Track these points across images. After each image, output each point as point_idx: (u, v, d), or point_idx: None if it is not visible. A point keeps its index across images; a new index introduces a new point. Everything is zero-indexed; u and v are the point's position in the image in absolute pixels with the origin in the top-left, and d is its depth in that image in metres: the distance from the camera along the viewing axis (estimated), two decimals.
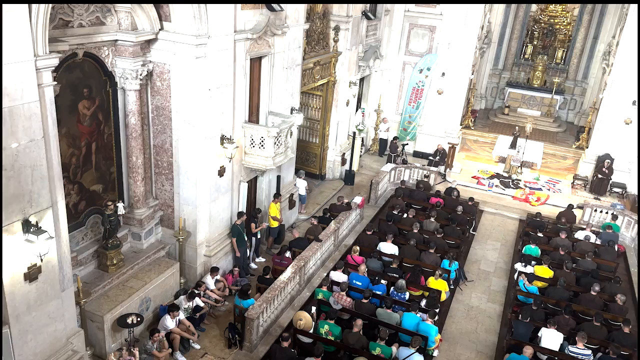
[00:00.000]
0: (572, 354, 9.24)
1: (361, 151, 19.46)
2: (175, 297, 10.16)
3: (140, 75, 9.35)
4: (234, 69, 10.37)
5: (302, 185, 14.64)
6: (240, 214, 11.50)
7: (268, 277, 10.71)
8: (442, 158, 18.66)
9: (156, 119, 10.18)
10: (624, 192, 17.71)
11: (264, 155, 11.23)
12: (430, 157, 18.92)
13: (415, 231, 12.89)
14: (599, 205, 15.89)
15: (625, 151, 17.63)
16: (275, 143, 11.18)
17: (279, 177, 12.94)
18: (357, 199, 14.75)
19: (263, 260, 12.64)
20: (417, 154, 20.25)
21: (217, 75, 9.93)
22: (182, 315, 9.42)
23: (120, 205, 9.45)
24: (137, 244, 10.31)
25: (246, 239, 11.72)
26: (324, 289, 10.44)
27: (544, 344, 9.47)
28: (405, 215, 14.02)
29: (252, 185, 12.54)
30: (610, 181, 17.69)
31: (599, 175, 17.59)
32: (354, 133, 17.36)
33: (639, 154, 5.68)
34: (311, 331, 9.31)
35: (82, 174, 9.11)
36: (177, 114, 9.93)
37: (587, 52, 23.55)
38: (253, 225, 11.99)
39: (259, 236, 12.37)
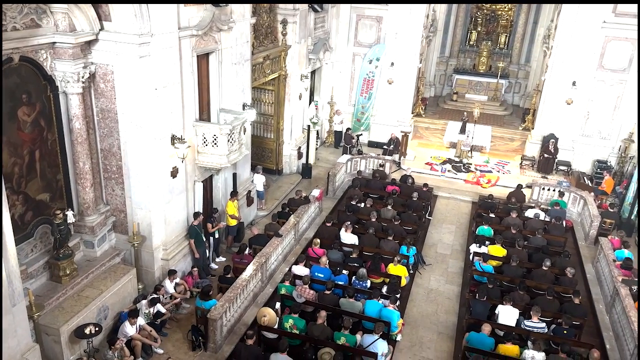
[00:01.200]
0: (528, 328, 9.63)
1: (317, 144, 19.51)
2: (134, 303, 9.93)
3: (82, 77, 9.02)
4: (181, 67, 10.16)
5: (259, 181, 14.56)
6: (196, 215, 11.32)
7: (229, 276, 10.63)
8: (396, 147, 18.95)
9: (102, 122, 9.86)
10: (569, 169, 18.55)
11: (218, 154, 11.08)
12: (385, 146, 19.17)
13: (374, 220, 13.06)
14: (546, 183, 16.58)
15: (568, 130, 18.46)
16: (228, 140, 11.04)
17: (234, 175, 12.81)
18: (315, 192, 14.80)
19: (223, 259, 12.51)
20: (372, 144, 20.48)
21: (163, 74, 9.71)
22: (142, 321, 9.22)
23: (69, 213, 9.11)
24: (90, 252, 9.99)
25: (204, 239, 11.56)
26: (287, 283, 10.45)
27: (501, 320, 9.83)
28: (363, 205, 14.19)
29: (208, 184, 12.36)
30: (556, 160, 18.47)
31: (545, 155, 18.34)
32: (309, 126, 17.37)
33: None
34: (276, 326, 9.31)
35: (26, 183, 8.73)
36: (123, 115, 9.65)
37: (529, 37, 24.33)
38: (209, 225, 11.84)
39: (217, 236, 12.23)
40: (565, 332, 9.50)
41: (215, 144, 10.98)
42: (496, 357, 8.89)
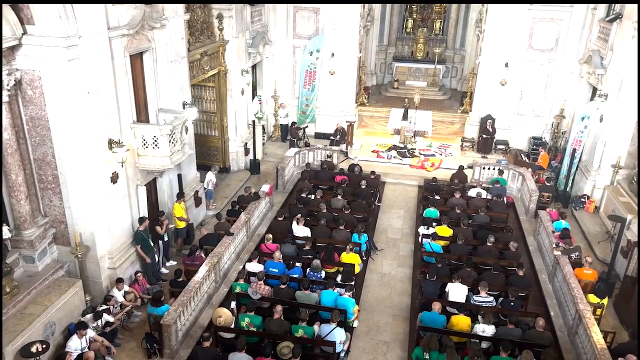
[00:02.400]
0: (477, 303, 10.03)
1: (264, 139, 19.39)
2: (82, 316, 9.56)
3: (7, 85, 8.52)
4: (114, 68, 9.78)
5: (208, 179, 14.37)
6: (141, 220, 11.01)
7: (181, 280, 10.41)
8: (342, 137, 19.13)
9: (33, 131, 9.37)
10: (507, 148, 19.36)
11: (160, 155, 10.79)
12: (331, 137, 19.31)
13: (324, 211, 13.16)
14: (486, 163, 17.24)
15: (504, 110, 19.24)
16: (170, 141, 10.77)
17: (179, 176, 12.53)
18: (265, 187, 14.73)
19: (174, 263, 12.25)
20: (318, 136, 20.56)
21: (95, 77, 9.33)
22: (92, 333, 8.90)
23: (4, 228, 8.65)
24: (31, 267, 9.51)
25: (153, 244, 11.27)
26: (241, 281, 10.36)
27: (452, 297, 10.19)
28: (313, 197, 14.26)
29: (152, 187, 12.03)
30: (494, 139, 19.23)
31: (484, 136, 19.06)
32: (253, 121, 17.21)
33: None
34: (232, 326, 9.24)
35: None
36: (55, 122, 9.20)
37: (462, 22, 25.08)
38: (158, 228, 11.55)
39: (166, 239, 11.94)
40: (512, 303, 9.96)
41: (156, 145, 10.68)
42: (448, 332, 9.19)
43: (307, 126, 20.14)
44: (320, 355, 8.76)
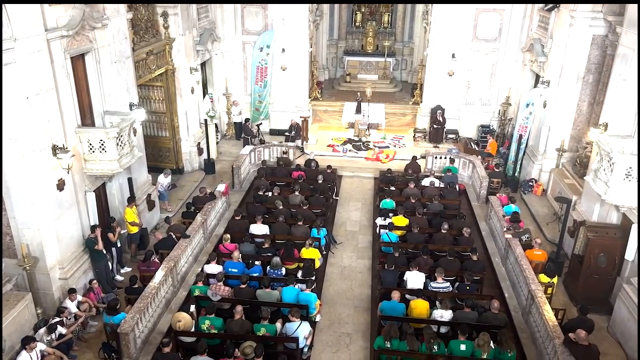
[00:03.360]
0: (434, 289, 10.28)
1: (217, 138, 19.10)
2: (34, 329, 9.18)
3: None
4: (54, 71, 9.37)
5: (159, 182, 14.05)
6: (93, 227, 10.64)
7: (137, 286, 10.13)
8: (297, 132, 19.10)
9: None
10: (457, 137, 19.87)
11: (108, 159, 10.44)
12: (286, 133, 19.24)
13: (282, 208, 13.13)
14: (438, 152, 17.65)
15: (453, 100, 19.70)
16: (117, 144, 10.45)
17: (130, 180, 12.15)
18: (221, 187, 14.53)
19: (129, 269, 11.92)
20: (273, 132, 20.45)
21: (34, 81, 8.91)
22: (43, 346, 8.55)
23: None
24: None
25: (105, 251, 10.92)
26: (200, 284, 10.19)
27: (410, 285, 10.39)
28: (270, 194, 14.18)
29: (102, 193, 11.64)
30: (445, 129, 19.68)
31: (435, 126, 19.48)
32: (206, 120, 16.93)
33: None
34: (192, 329, 9.09)
35: None
36: None
37: (409, 14, 25.46)
38: (111, 235, 11.20)
39: (119, 245, 11.59)
40: (467, 287, 10.27)
41: (104, 149, 10.33)
42: (408, 320, 9.38)
43: (261, 123, 19.98)
44: (284, 352, 8.74)
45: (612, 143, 10.02)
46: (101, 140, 10.27)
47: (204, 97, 18.13)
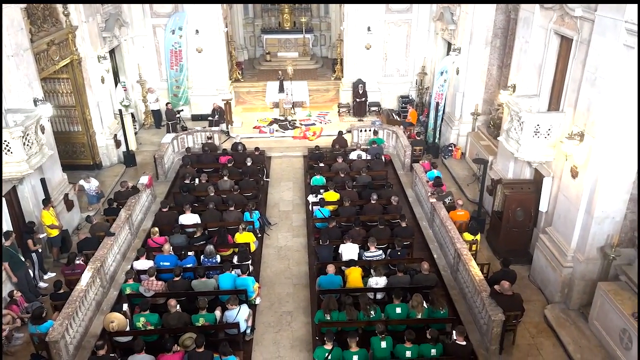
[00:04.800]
0: (368, 258, 10.57)
1: (135, 128, 18.30)
2: None
3: None
4: None
5: (86, 187, 13.27)
6: (7, 234, 9.91)
7: (62, 291, 9.57)
8: (220, 116, 18.67)
9: None
10: (379, 109, 20.28)
11: (15, 161, 9.71)
12: (209, 118, 18.75)
13: (212, 194, 12.87)
14: (363, 125, 17.95)
15: (372, 73, 20.02)
16: (24, 144, 9.74)
17: (43, 180, 11.35)
18: (144, 179, 13.96)
19: (53, 275, 11.25)
20: (195, 118, 19.86)
21: None
22: None
23: None
24: None
25: (24, 259, 10.22)
26: (131, 282, 9.82)
27: (345, 257, 10.61)
28: (198, 182, 13.84)
29: (13, 197, 10.81)
30: (367, 102, 20.03)
31: (357, 100, 19.76)
32: (120, 110, 16.10)
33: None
34: (127, 329, 8.79)
35: None
36: None
37: None
38: (30, 242, 10.48)
39: (39, 250, 10.88)
40: (399, 253, 10.67)
41: (9, 150, 9.57)
42: (345, 291, 9.61)
43: (182, 110, 19.29)
44: (226, 339, 8.68)
45: (520, 103, 10.63)
46: (5, 141, 9.49)
47: (116, 86, 17.20)
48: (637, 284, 8.29)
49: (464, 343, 8.11)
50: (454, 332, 8.30)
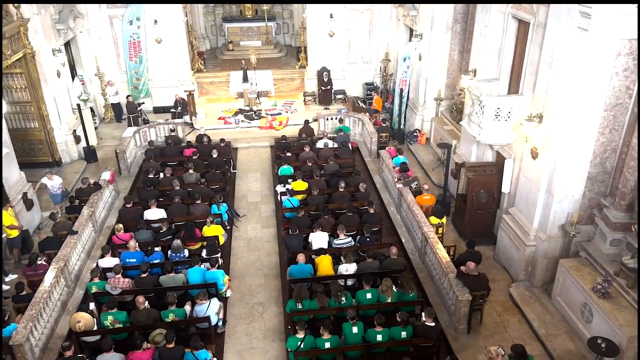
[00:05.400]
0: (338, 245, 10.64)
1: (95, 122, 17.79)
2: None
3: None
4: None
5: (49, 185, 12.75)
6: None
7: (24, 293, 9.27)
8: (183, 108, 18.31)
9: None
10: (344, 97, 20.31)
11: None
12: (172, 110, 18.36)
13: (177, 188, 12.65)
14: (329, 113, 17.95)
15: (337, 61, 19.99)
16: None
17: None
18: (106, 175, 13.58)
19: (14, 277, 10.84)
20: (157, 110, 19.44)
21: None
22: None
23: None
24: None
25: None
26: (96, 280, 9.60)
27: (315, 246, 10.64)
28: (162, 176, 13.58)
29: None
30: (333, 90, 20.01)
31: (322, 88, 19.71)
32: (78, 105, 15.59)
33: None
34: (95, 328, 8.60)
35: None
36: None
37: None
38: None
39: None
40: (367, 239, 10.75)
41: None
42: (315, 279, 9.65)
43: (143, 102, 18.82)
44: (197, 333, 8.61)
45: (481, 87, 10.81)
46: None
47: (73, 80, 16.63)
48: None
49: (433, 324, 8.28)
50: (423, 313, 8.46)
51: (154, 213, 11.77)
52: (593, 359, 8.09)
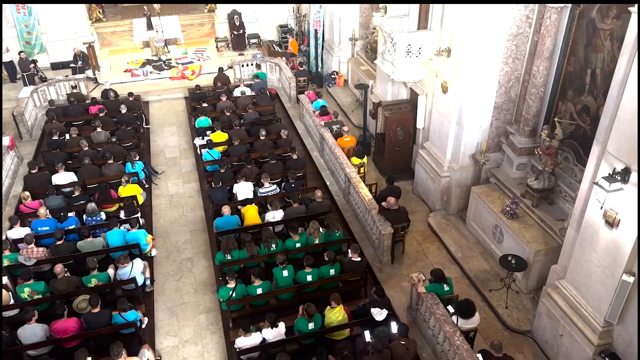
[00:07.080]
0: (263, 194, 10.61)
1: None
2: None
3: None
4: None
5: None
6: None
7: None
8: (84, 61, 16.96)
9: None
10: (259, 41, 19.68)
11: None
12: (72, 65, 16.94)
13: (86, 149, 11.89)
14: (244, 60, 17.33)
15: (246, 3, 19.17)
16: None
17: None
18: (5, 140, 12.45)
19: None
20: (56, 66, 17.91)
21: None
22: None
23: None
24: None
25: None
26: (7, 252, 8.96)
27: (240, 196, 10.54)
28: (68, 137, 12.67)
29: None
30: (246, 34, 19.28)
31: (235, 33, 18.93)
32: None
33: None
34: (12, 302, 8.11)
35: None
36: None
37: None
38: None
39: None
40: (293, 185, 10.80)
41: None
42: (242, 229, 9.63)
43: (36, 60, 17.14)
44: (124, 295, 8.39)
45: (392, 24, 10.85)
46: None
47: None
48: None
49: (359, 259, 8.61)
50: (349, 250, 8.75)
51: (63, 177, 11.05)
52: (505, 275, 8.83)
